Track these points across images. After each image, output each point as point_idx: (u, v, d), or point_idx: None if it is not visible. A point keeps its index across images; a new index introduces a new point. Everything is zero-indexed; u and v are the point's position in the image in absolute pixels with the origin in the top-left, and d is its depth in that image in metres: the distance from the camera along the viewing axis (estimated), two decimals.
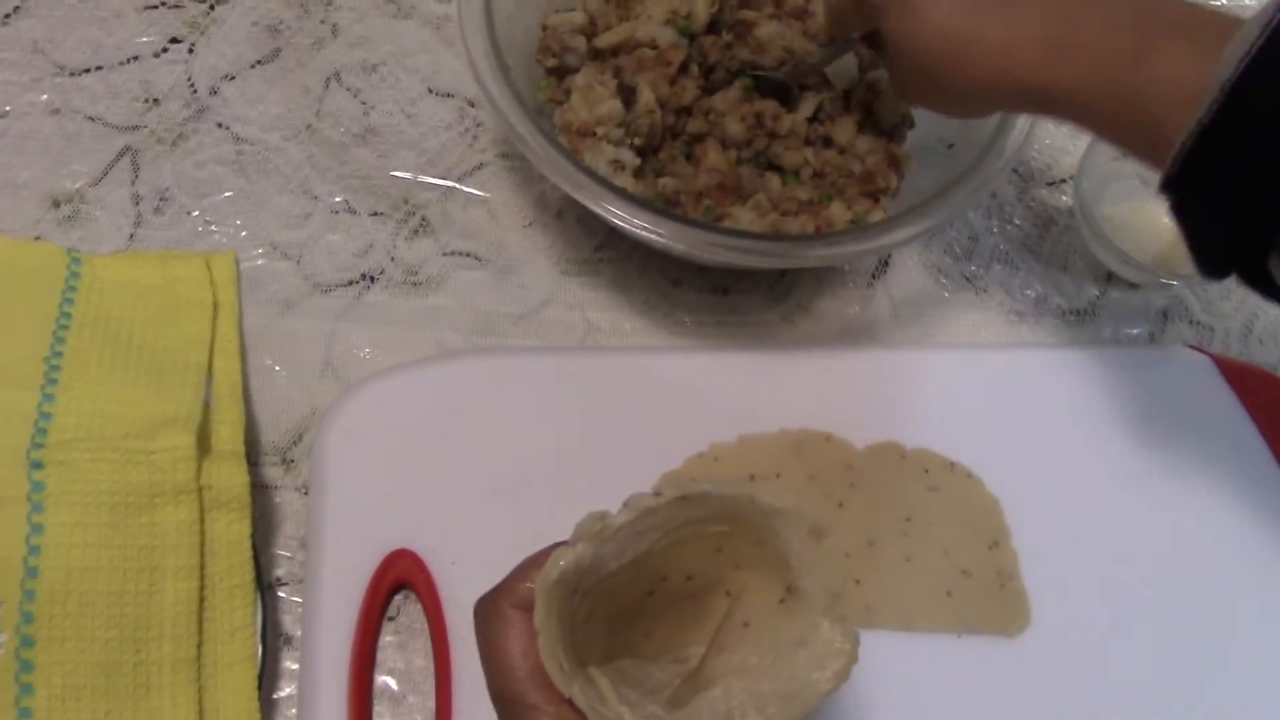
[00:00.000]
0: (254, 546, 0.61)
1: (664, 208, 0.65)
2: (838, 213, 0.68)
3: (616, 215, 0.61)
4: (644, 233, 0.61)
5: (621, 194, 0.62)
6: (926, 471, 0.66)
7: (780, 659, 0.45)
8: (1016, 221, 0.77)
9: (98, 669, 0.56)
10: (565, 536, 0.47)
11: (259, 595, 0.60)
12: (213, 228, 0.72)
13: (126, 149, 0.74)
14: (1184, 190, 0.50)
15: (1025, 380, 0.70)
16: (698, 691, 0.47)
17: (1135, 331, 0.74)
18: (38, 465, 0.58)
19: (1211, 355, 0.71)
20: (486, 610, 0.46)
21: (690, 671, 0.47)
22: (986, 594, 0.63)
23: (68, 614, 0.56)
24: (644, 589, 0.49)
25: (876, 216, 0.68)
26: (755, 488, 0.46)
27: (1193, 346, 0.72)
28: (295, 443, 0.67)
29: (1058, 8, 0.56)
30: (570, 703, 0.42)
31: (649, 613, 0.49)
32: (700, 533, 0.47)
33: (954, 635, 0.63)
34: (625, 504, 0.45)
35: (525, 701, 0.43)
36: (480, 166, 0.76)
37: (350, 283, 0.71)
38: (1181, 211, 0.52)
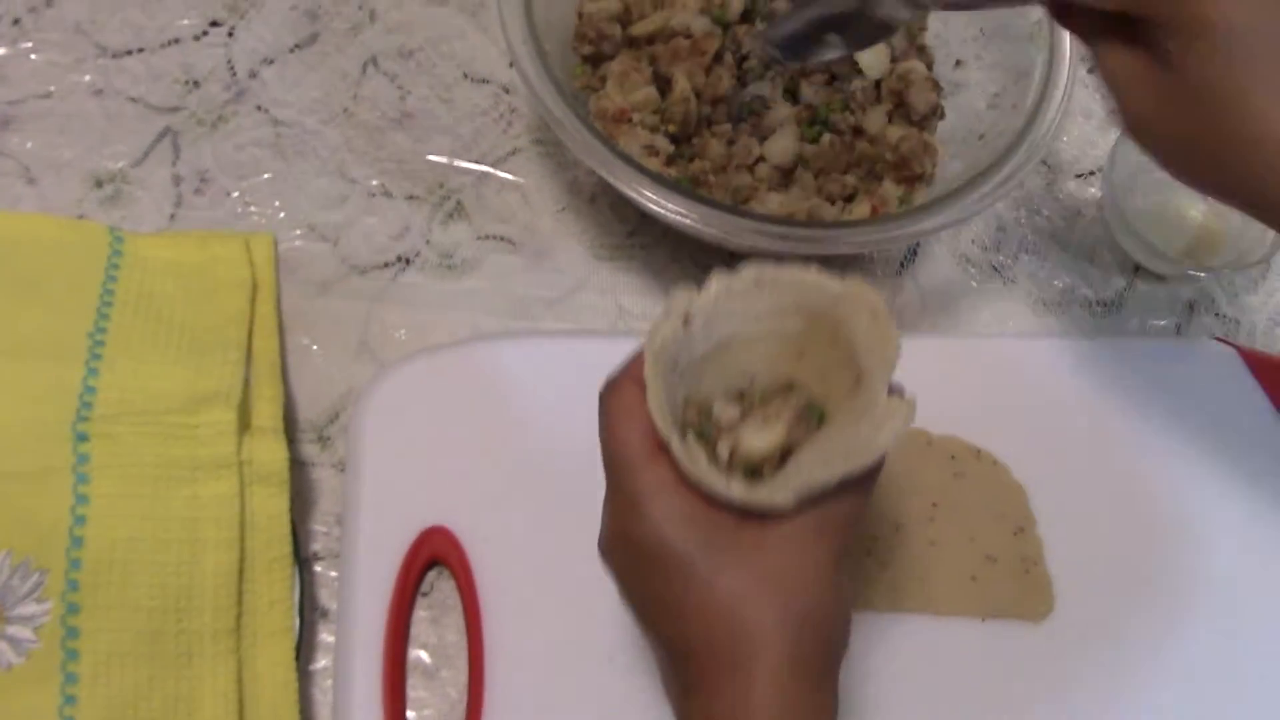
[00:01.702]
0: (292, 521, 0.62)
1: (696, 192, 0.66)
2: (890, 191, 0.69)
3: (649, 199, 0.62)
4: (676, 216, 0.62)
5: (654, 177, 0.63)
6: (953, 458, 0.67)
7: (845, 430, 0.47)
8: (1045, 213, 0.78)
9: (141, 637, 0.57)
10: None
11: (297, 569, 0.61)
12: (252, 209, 0.73)
13: (167, 130, 0.75)
14: None
15: (1052, 370, 0.71)
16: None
17: (1161, 323, 0.75)
18: (83, 438, 0.59)
19: (1237, 347, 0.72)
20: (609, 385, 0.49)
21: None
22: (1011, 579, 0.64)
23: (112, 583, 0.57)
24: (734, 386, 0.51)
25: (920, 198, 0.69)
26: (823, 274, 0.49)
27: (1219, 339, 0.72)
28: (332, 421, 0.68)
29: None
30: (666, 464, 0.46)
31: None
32: (781, 330, 0.50)
33: (979, 620, 0.63)
34: (708, 281, 0.49)
35: (631, 461, 0.46)
36: (515, 152, 0.76)
37: (386, 265, 0.72)
38: None
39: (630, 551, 0.47)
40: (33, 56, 0.77)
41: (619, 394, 0.48)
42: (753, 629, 0.45)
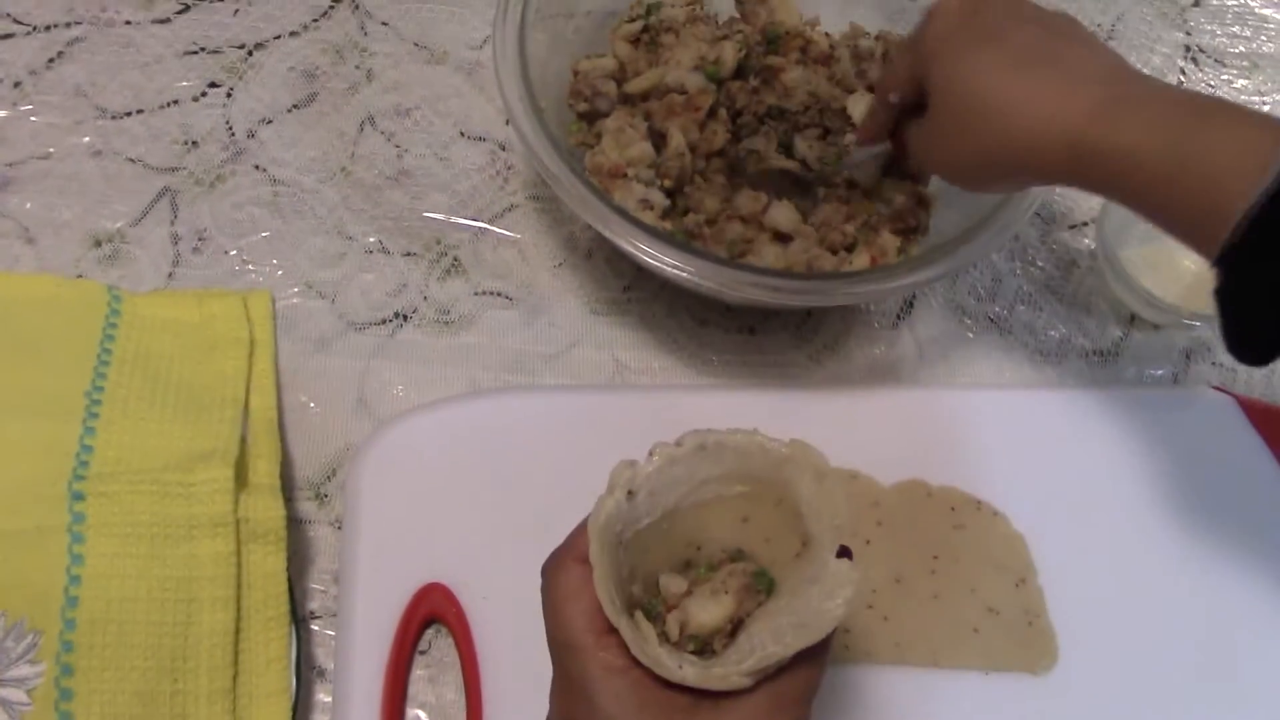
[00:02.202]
0: (289, 579, 0.61)
1: (692, 245, 0.67)
2: (889, 242, 0.69)
3: (646, 252, 0.62)
4: (672, 269, 0.62)
5: (651, 231, 0.63)
6: (953, 509, 0.67)
7: (796, 598, 0.47)
8: (1039, 264, 0.78)
9: (135, 698, 0.56)
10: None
11: (294, 627, 0.61)
12: (249, 267, 0.74)
13: (166, 190, 0.76)
14: (1239, 264, 0.49)
15: (1050, 420, 0.71)
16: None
17: (1159, 372, 0.75)
18: (79, 497, 0.59)
19: (1235, 396, 0.72)
20: (551, 564, 0.48)
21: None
22: (1013, 631, 0.64)
23: (107, 643, 0.57)
24: (680, 558, 0.51)
25: (915, 251, 0.69)
26: (763, 434, 0.49)
27: (1216, 387, 0.72)
28: (329, 478, 0.68)
29: (1113, 72, 0.57)
30: (615, 646, 0.45)
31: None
32: (724, 495, 0.50)
33: (981, 673, 0.63)
34: (650, 452, 0.49)
35: (577, 644, 0.46)
36: (511, 208, 0.77)
37: (383, 321, 0.73)
38: (1232, 288, 0.50)
39: None
40: (33, 119, 0.77)
41: (563, 573, 0.47)
42: None
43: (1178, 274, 0.74)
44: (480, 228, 0.76)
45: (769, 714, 0.45)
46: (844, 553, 0.47)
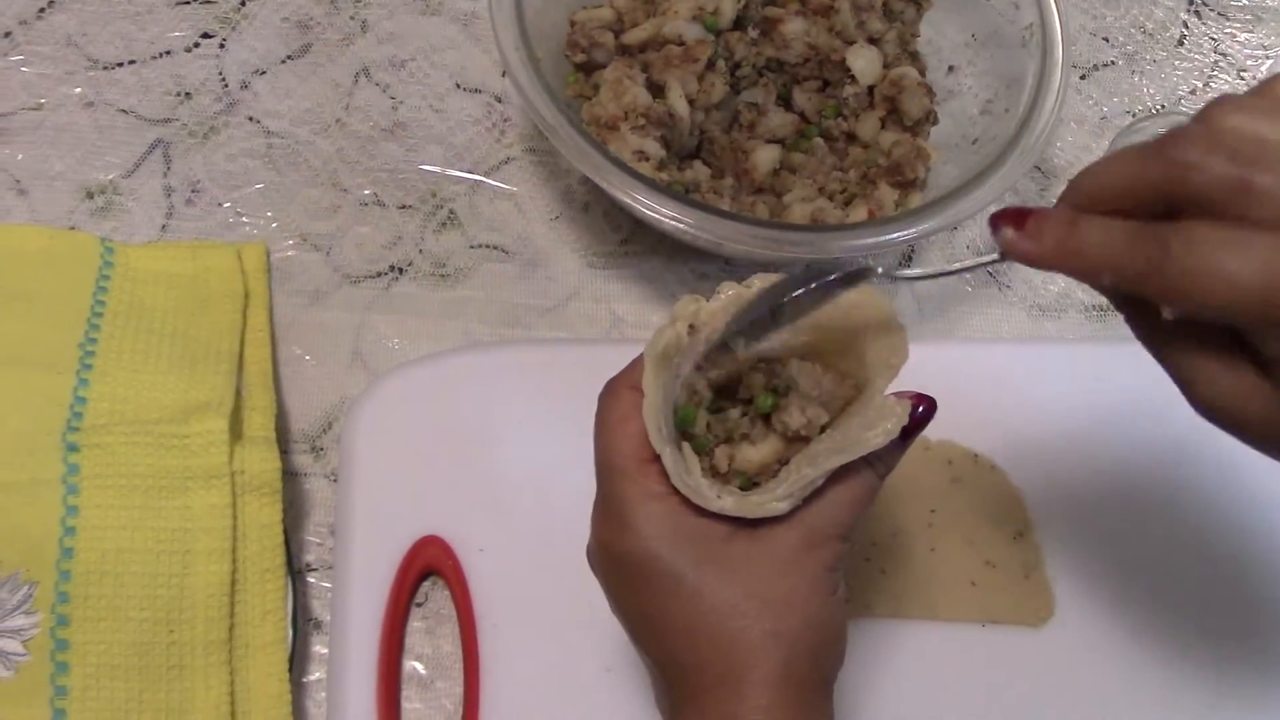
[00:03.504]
0: (285, 531, 0.61)
1: (690, 197, 0.66)
2: (886, 195, 0.68)
3: (643, 204, 0.62)
4: (671, 222, 0.62)
5: (648, 182, 0.62)
6: (950, 463, 0.67)
7: (838, 430, 0.46)
8: None
9: (131, 649, 0.57)
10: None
11: (290, 580, 0.61)
12: (244, 219, 0.73)
13: (159, 142, 0.75)
14: None
15: (1048, 374, 0.70)
16: None
17: None
18: (73, 448, 0.59)
19: None
20: (607, 389, 0.48)
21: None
22: (1011, 585, 0.64)
23: (102, 595, 0.57)
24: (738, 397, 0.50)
25: (914, 204, 0.69)
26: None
27: None
28: (324, 431, 0.67)
29: None
30: (657, 473, 0.45)
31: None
32: (789, 343, 0.48)
33: (979, 625, 0.63)
34: (717, 291, 0.48)
35: (620, 468, 0.46)
36: (507, 161, 0.76)
37: (379, 274, 0.72)
38: None
39: (617, 564, 0.46)
40: (23, 69, 0.76)
41: (616, 399, 0.47)
42: (742, 645, 0.44)
43: None
44: (476, 180, 0.75)
45: (804, 549, 0.45)
46: (921, 402, 0.47)
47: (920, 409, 0.47)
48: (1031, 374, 0.70)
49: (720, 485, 0.46)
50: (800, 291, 0.46)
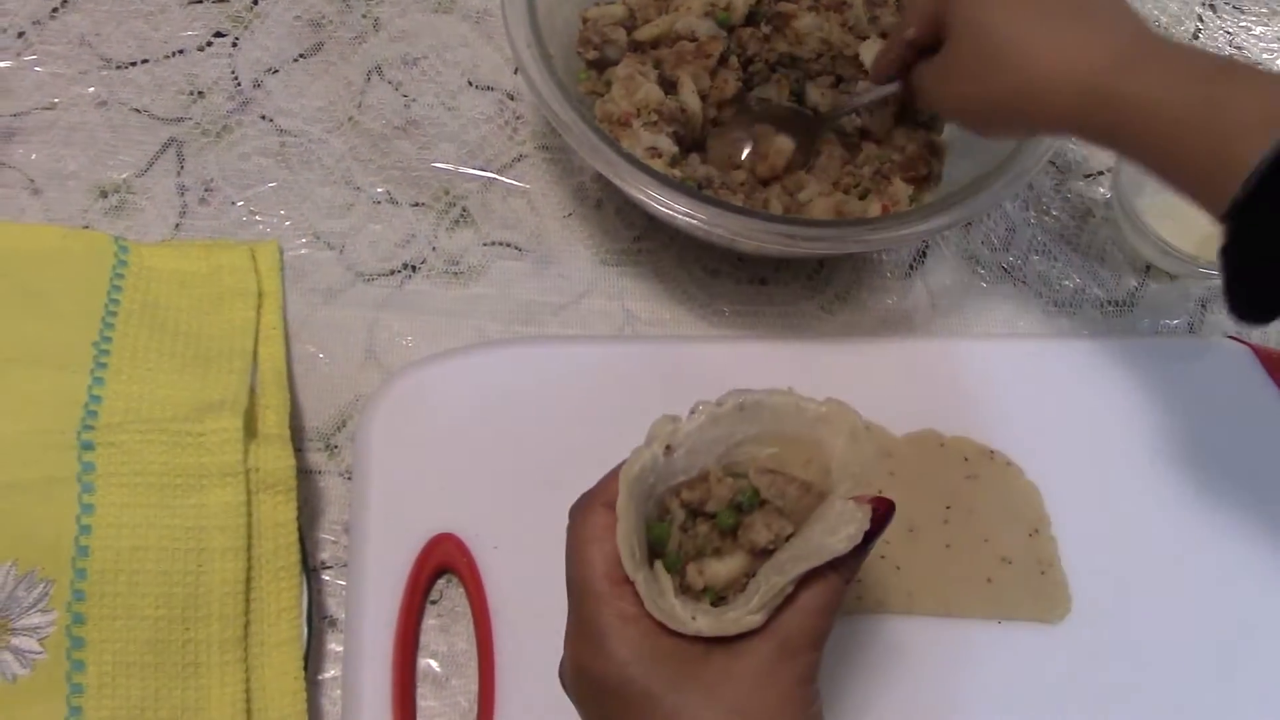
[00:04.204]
0: (299, 529, 0.61)
1: (703, 193, 0.66)
2: (900, 190, 0.68)
3: (657, 200, 0.62)
4: (684, 218, 0.62)
5: (661, 179, 0.62)
6: (965, 459, 0.66)
7: (801, 537, 0.47)
8: (1054, 213, 0.77)
9: (147, 647, 0.57)
10: None
11: (304, 577, 0.61)
12: (257, 218, 0.73)
13: (172, 141, 0.75)
14: (1247, 220, 0.49)
15: (1064, 370, 0.70)
16: None
17: (1174, 322, 0.74)
18: (88, 446, 0.59)
19: (1251, 345, 0.71)
20: (579, 506, 0.48)
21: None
22: (1027, 581, 0.63)
23: (118, 593, 0.57)
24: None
25: (929, 198, 0.69)
26: (799, 394, 0.49)
27: (1232, 337, 0.72)
28: (339, 429, 0.67)
29: (1136, 30, 0.57)
30: (631, 595, 0.45)
31: None
32: (756, 456, 0.49)
33: (995, 623, 0.63)
34: (691, 411, 0.49)
35: (594, 590, 0.46)
36: (520, 158, 0.76)
37: (392, 272, 0.72)
38: (1239, 244, 0.50)
39: (592, 686, 0.46)
40: (37, 69, 0.77)
41: (588, 518, 0.47)
42: None
43: (1194, 223, 0.73)
44: (489, 178, 0.75)
45: (779, 657, 0.45)
46: (881, 505, 0.47)
47: (881, 515, 0.47)
48: (1047, 370, 0.70)
49: (694, 604, 0.46)
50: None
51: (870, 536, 0.47)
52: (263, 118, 0.76)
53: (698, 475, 0.49)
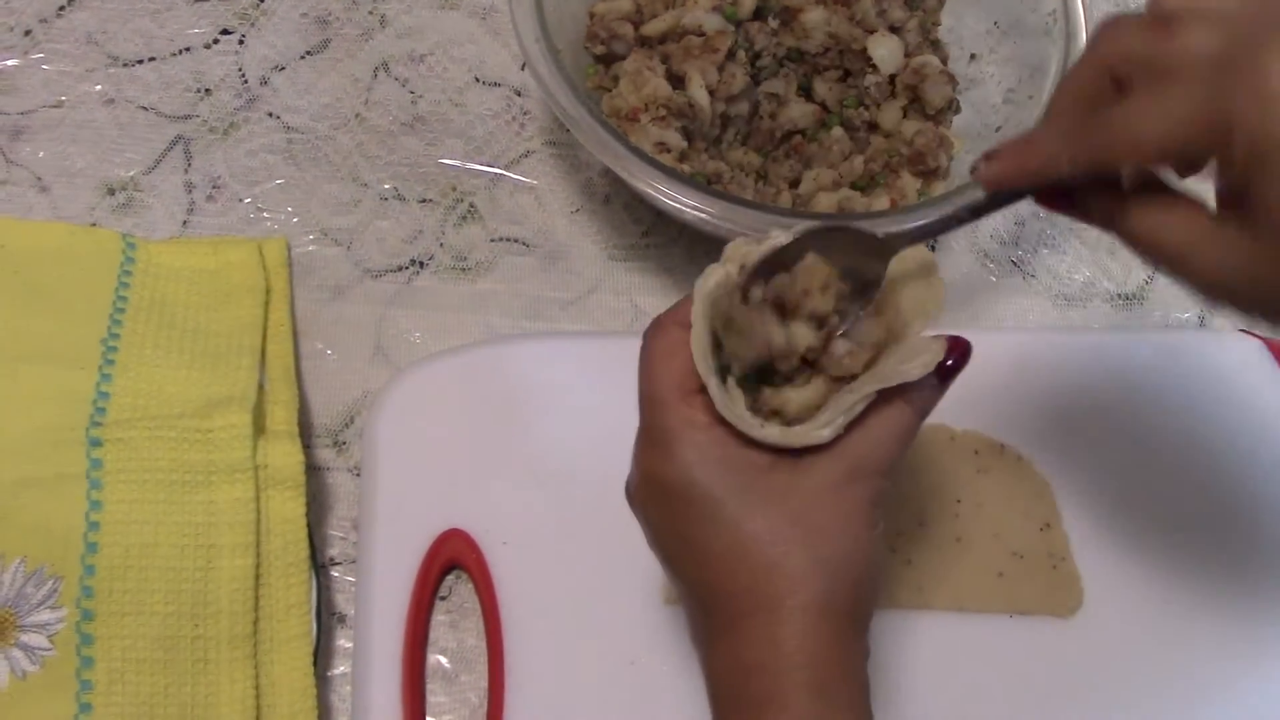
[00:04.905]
0: (308, 526, 0.61)
1: (712, 187, 0.66)
2: (908, 184, 0.68)
3: (665, 194, 0.61)
4: (693, 212, 0.61)
5: (670, 173, 0.62)
6: (976, 453, 0.66)
7: (876, 367, 0.47)
8: None
9: (156, 643, 0.56)
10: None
11: (314, 574, 0.61)
12: (264, 214, 0.73)
13: (179, 138, 0.75)
14: None
15: (1074, 364, 0.70)
16: None
17: (1185, 315, 0.74)
18: (96, 443, 0.59)
19: (1262, 339, 0.71)
20: (654, 324, 0.48)
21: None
22: (1038, 575, 0.63)
23: (127, 589, 0.57)
24: None
25: (937, 191, 0.68)
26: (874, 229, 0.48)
27: (1243, 330, 0.71)
28: (347, 425, 0.67)
29: None
30: (701, 404, 0.45)
31: None
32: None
33: (1006, 616, 0.62)
34: (766, 235, 0.48)
35: (664, 399, 0.45)
36: (527, 154, 0.76)
37: (400, 268, 0.72)
38: None
39: (658, 492, 0.46)
40: (44, 67, 0.77)
41: (662, 334, 0.47)
42: (782, 571, 0.44)
43: None
44: (496, 174, 0.75)
45: (845, 482, 0.45)
46: (958, 343, 0.47)
47: (959, 353, 0.47)
48: (1058, 364, 0.69)
49: (763, 417, 0.46)
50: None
51: (947, 373, 0.47)
52: (270, 115, 0.76)
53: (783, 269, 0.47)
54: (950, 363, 0.47)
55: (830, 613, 0.44)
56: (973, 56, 0.76)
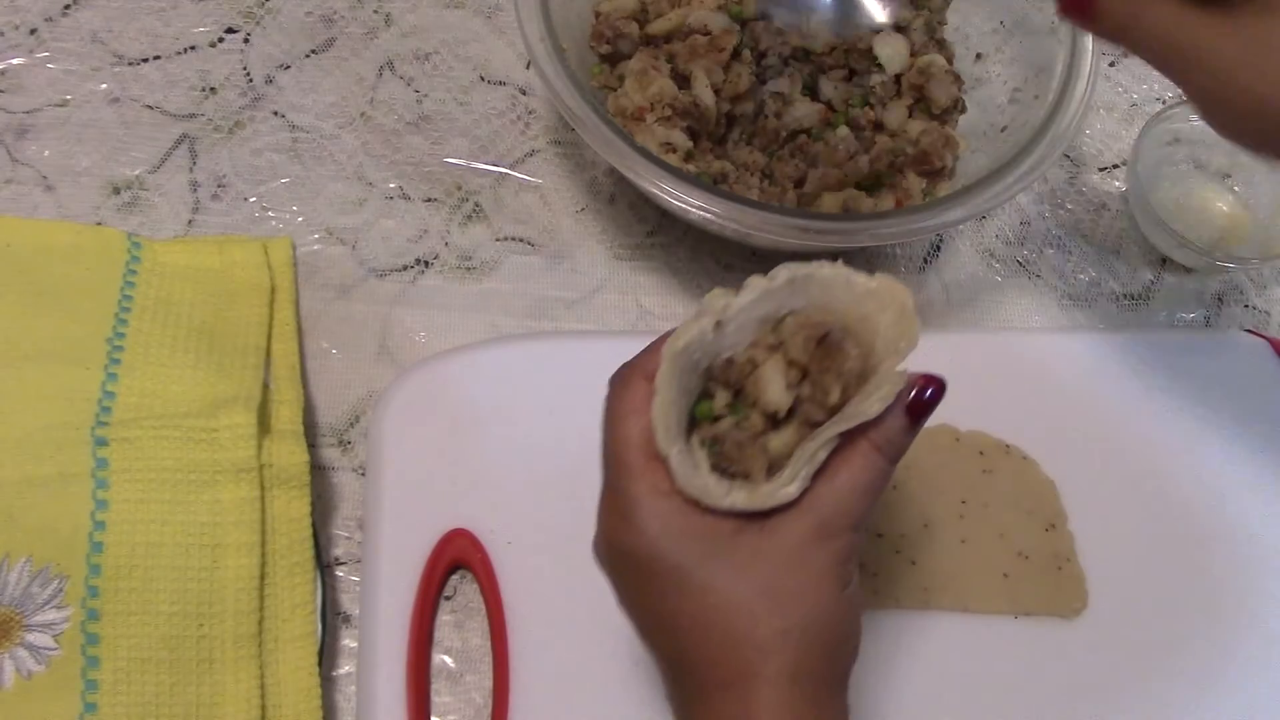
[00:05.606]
0: (313, 525, 0.61)
1: (718, 187, 0.66)
2: (914, 184, 0.68)
3: (671, 194, 0.61)
4: (698, 212, 0.61)
5: (676, 173, 0.62)
6: (981, 454, 0.66)
7: (842, 411, 0.46)
8: (1069, 206, 0.77)
9: (162, 643, 0.56)
10: None
11: (319, 573, 0.61)
12: (269, 214, 0.73)
13: (184, 137, 0.75)
14: None
15: (1079, 365, 0.70)
16: None
17: (1190, 316, 0.74)
18: (102, 443, 0.59)
19: (1267, 339, 0.71)
20: (619, 376, 0.47)
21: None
22: (1043, 576, 0.63)
23: (132, 589, 0.57)
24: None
25: (943, 191, 0.68)
26: (850, 269, 0.47)
27: (1248, 330, 0.71)
28: (352, 424, 0.67)
29: None
30: (665, 471, 0.44)
31: None
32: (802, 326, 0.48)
33: (1011, 617, 0.62)
34: (743, 286, 0.47)
35: (627, 462, 0.45)
36: (532, 153, 0.76)
37: (405, 268, 0.72)
38: None
39: (623, 560, 0.45)
40: (49, 65, 0.77)
41: (627, 389, 0.46)
42: (751, 643, 0.43)
43: (1210, 217, 0.73)
44: (501, 173, 0.75)
45: (815, 537, 0.44)
46: (929, 381, 0.46)
47: (929, 391, 0.46)
48: (1063, 364, 0.69)
49: (729, 482, 0.45)
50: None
51: (919, 411, 0.45)
52: (275, 114, 0.76)
53: (744, 358, 0.47)
54: (922, 400, 0.45)
55: (803, 679, 0.43)
56: (978, 56, 0.76)
